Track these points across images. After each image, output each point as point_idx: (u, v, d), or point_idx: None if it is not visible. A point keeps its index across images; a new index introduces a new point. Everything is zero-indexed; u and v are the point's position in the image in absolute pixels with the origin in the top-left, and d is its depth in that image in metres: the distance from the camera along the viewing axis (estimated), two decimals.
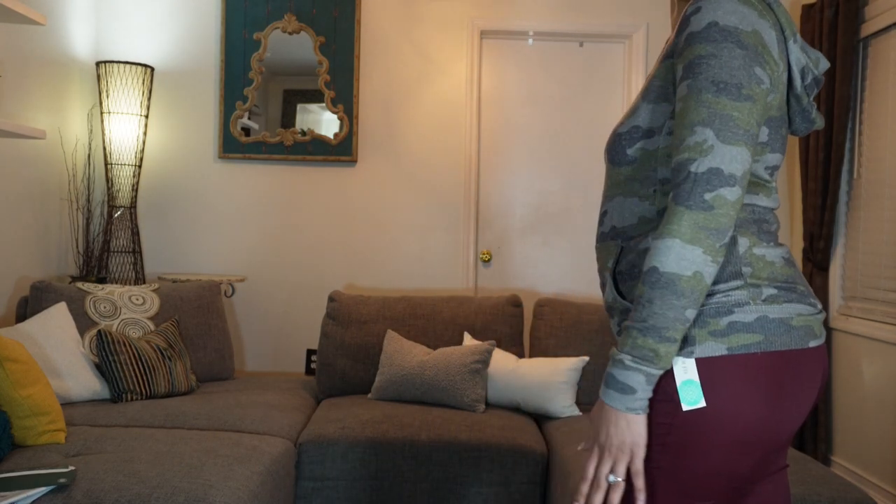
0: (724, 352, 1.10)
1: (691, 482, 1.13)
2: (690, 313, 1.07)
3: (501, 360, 3.02)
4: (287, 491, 2.46)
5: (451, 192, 3.88)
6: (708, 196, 1.05)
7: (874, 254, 3.28)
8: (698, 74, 1.08)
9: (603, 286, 1.26)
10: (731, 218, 1.06)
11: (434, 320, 3.25)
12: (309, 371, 3.85)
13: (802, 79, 1.21)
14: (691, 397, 1.10)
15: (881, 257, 3.22)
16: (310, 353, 3.86)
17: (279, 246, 3.88)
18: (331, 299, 3.30)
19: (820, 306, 1.22)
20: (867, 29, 3.29)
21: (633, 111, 1.20)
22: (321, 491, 2.59)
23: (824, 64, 1.24)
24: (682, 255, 1.05)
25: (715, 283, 1.14)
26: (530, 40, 3.94)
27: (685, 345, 1.12)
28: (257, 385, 3.16)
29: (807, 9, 3.55)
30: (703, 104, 1.07)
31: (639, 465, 1.11)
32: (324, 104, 3.81)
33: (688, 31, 1.10)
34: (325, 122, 3.83)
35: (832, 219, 3.40)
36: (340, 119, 3.81)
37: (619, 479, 1.10)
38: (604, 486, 1.12)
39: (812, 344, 1.17)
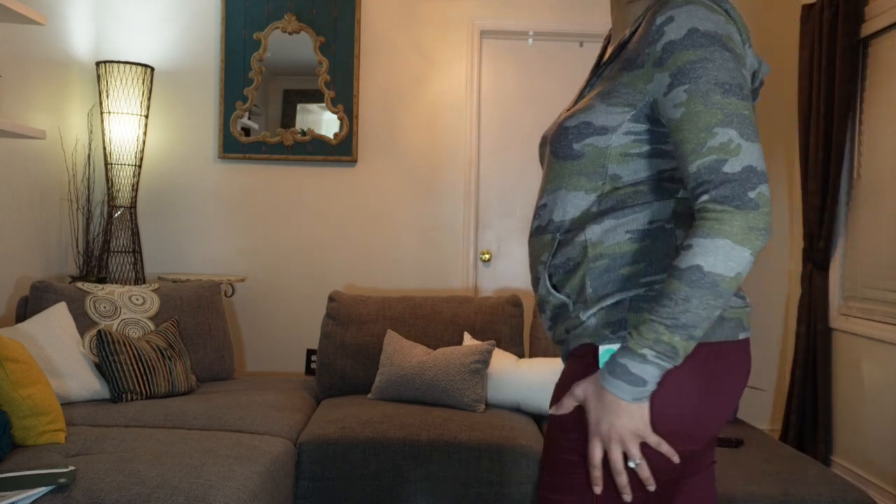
0: None
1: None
2: (717, 313, 1.06)
3: (501, 360, 3.02)
4: (287, 491, 2.46)
5: (451, 193, 3.88)
6: (752, 194, 1.04)
7: (874, 254, 3.28)
8: (698, 79, 1.08)
9: (536, 280, 1.26)
10: (770, 215, 1.06)
11: (434, 320, 3.25)
12: (309, 371, 3.85)
13: (752, 81, 1.22)
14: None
15: (881, 257, 3.22)
16: (310, 353, 3.86)
17: (279, 246, 3.87)
18: (331, 299, 3.30)
19: (748, 300, 1.23)
20: (867, 29, 3.29)
21: (587, 109, 1.19)
22: (321, 491, 2.59)
23: (766, 68, 1.26)
24: (731, 256, 1.03)
25: (652, 273, 1.15)
26: (530, 40, 3.94)
27: (621, 329, 1.14)
28: (257, 385, 3.16)
29: (807, 9, 3.55)
30: (714, 106, 1.07)
31: (654, 439, 1.10)
32: (324, 104, 3.81)
33: (666, 41, 1.10)
34: (325, 122, 3.83)
35: (832, 219, 3.40)
36: (340, 119, 3.81)
37: (640, 461, 1.10)
38: (624, 470, 1.11)
39: (741, 336, 1.18)
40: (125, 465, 2.05)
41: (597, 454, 1.11)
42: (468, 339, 3.15)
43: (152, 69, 3.65)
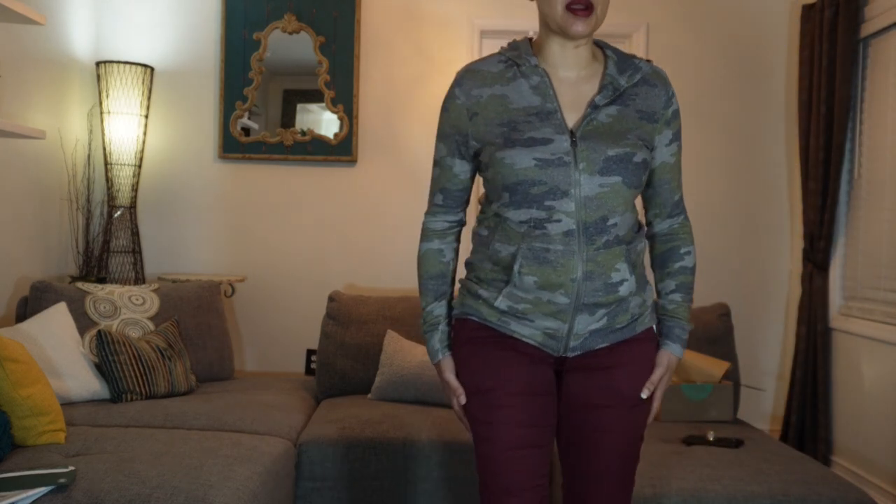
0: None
1: None
2: None
3: None
4: (287, 491, 2.46)
5: None
6: None
7: (874, 254, 3.28)
8: (680, 138, 1.62)
9: (611, 286, 1.50)
10: None
11: None
12: (309, 371, 3.85)
13: None
14: None
15: (881, 257, 3.22)
16: (310, 353, 3.86)
17: (279, 246, 3.87)
18: (331, 299, 3.30)
19: None
20: (867, 29, 3.30)
21: (638, 147, 1.49)
22: (321, 491, 2.59)
23: None
24: None
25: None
26: None
27: (655, 312, 1.63)
28: (257, 385, 3.16)
29: (807, 9, 3.55)
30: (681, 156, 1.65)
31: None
32: (324, 104, 3.81)
33: (674, 109, 1.58)
34: (325, 122, 3.83)
35: (832, 219, 3.40)
36: (340, 119, 3.80)
37: None
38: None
39: None
40: (125, 465, 2.05)
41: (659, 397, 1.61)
42: None
43: (152, 69, 3.65)
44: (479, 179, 1.67)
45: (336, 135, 3.81)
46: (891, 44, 3.19)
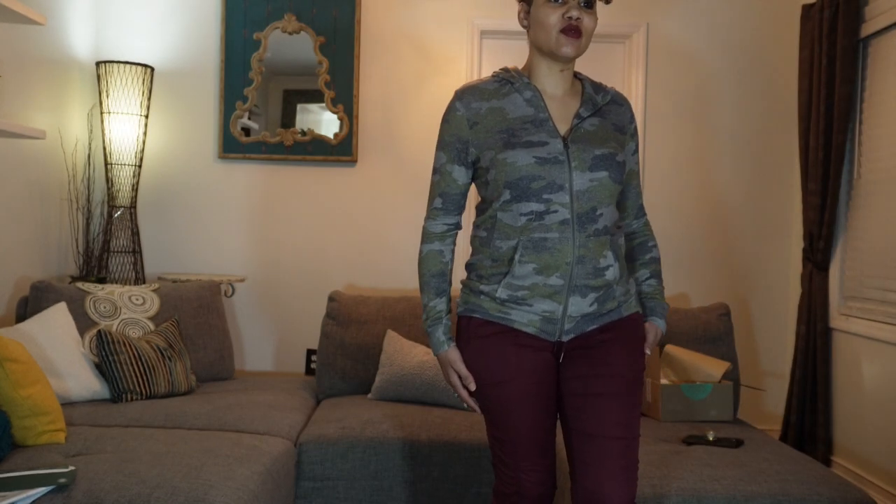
0: None
1: None
2: None
3: None
4: (287, 491, 2.46)
5: None
6: None
7: (874, 254, 3.28)
8: (639, 153, 1.95)
9: (598, 269, 1.71)
10: None
11: None
12: (309, 371, 3.85)
13: None
14: None
15: (881, 257, 3.22)
16: (310, 353, 3.86)
17: (279, 246, 3.87)
18: (331, 299, 3.31)
19: None
20: (867, 29, 3.30)
21: (617, 150, 1.75)
22: (321, 491, 2.59)
23: None
24: None
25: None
26: None
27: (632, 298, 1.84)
28: (257, 385, 3.16)
29: (807, 9, 3.55)
30: None
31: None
32: (324, 104, 3.81)
33: (635, 125, 1.86)
34: (325, 122, 3.83)
35: (832, 219, 3.40)
36: (340, 119, 3.80)
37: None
38: None
39: None
40: (125, 465, 2.05)
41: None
42: None
43: (152, 69, 3.65)
44: (472, 191, 1.87)
45: (336, 135, 3.81)
46: (891, 44, 3.20)
